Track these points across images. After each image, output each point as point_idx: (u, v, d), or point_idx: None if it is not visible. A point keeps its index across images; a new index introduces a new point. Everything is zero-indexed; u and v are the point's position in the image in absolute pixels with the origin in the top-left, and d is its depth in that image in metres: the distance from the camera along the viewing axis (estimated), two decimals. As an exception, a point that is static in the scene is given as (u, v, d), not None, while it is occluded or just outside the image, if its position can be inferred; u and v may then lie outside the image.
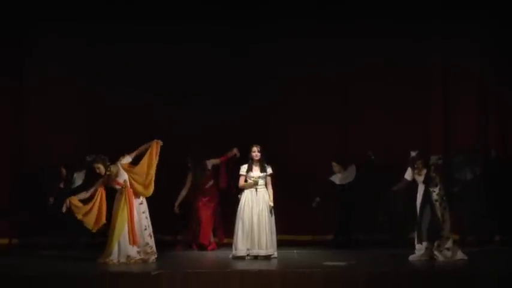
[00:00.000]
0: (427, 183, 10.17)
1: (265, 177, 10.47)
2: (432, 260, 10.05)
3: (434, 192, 10.14)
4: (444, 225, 10.09)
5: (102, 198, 10.07)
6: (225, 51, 12.34)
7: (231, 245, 10.51)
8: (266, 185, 10.48)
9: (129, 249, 9.94)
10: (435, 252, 10.08)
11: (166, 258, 10.39)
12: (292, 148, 12.33)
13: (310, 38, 12.33)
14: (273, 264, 9.97)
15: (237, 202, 10.51)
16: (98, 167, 10.02)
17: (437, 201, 10.13)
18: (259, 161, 10.50)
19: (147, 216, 10.15)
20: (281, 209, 10.78)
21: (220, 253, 11.13)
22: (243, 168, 10.53)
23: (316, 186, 11.94)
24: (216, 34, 12.30)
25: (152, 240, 10.14)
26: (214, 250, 11.55)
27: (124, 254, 9.94)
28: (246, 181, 10.51)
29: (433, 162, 10.18)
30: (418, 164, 10.23)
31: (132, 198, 10.05)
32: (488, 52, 12.39)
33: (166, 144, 10.29)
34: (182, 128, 12.19)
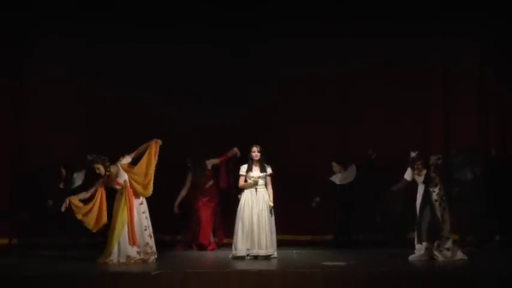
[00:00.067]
0: (426, 183, 10.17)
1: (265, 177, 10.47)
2: (432, 260, 10.05)
3: (434, 193, 10.15)
4: (444, 226, 10.10)
5: (103, 199, 10.07)
6: (225, 51, 12.33)
7: (231, 245, 10.52)
8: (266, 185, 10.49)
9: (129, 249, 9.94)
10: (435, 252, 10.08)
11: (166, 258, 10.39)
12: (292, 148, 12.33)
13: (310, 38, 12.32)
14: (273, 264, 9.97)
15: (237, 202, 10.52)
16: (98, 167, 10.02)
17: (437, 202, 10.13)
18: (259, 161, 10.50)
19: (147, 216, 10.15)
20: (281, 209, 10.80)
21: (220, 253, 11.13)
22: (243, 168, 10.54)
23: (316, 186, 11.94)
24: (216, 34, 12.30)
25: (152, 241, 10.14)
26: (214, 250, 11.55)
27: (124, 254, 9.94)
28: (245, 181, 10.52)
29: (433, 162, 10.19)
30: (418, 164, 10.23)
31: (132, 198, 10.05)
32: (488, 52, 12.38)
33: (166, 144, 10.29)
34: (182, 128, 12.18)
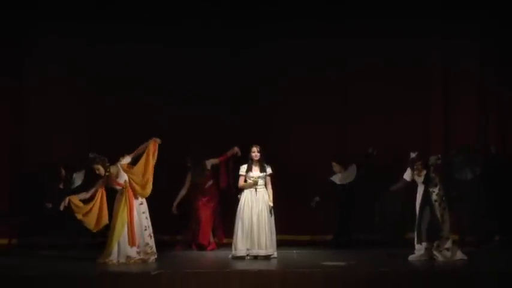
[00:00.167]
0: (426, 183, 10.17)
1: (264, 177, 10.47)
2: (432, 260, 10.05)
3: (434, 193, 10.14)
4: (444, 226, 10.09)
5: (103, 199, 10.06)
6: (225, 51, 12.33)
7: (231, 245, 10.51)
8: (266, 185, 10.49)
9: (128, 249, 9.94)
10: (435, 252, 10.08)
11: (166, 258, 10.39)
12: (292, 148, 12.33)
13: (310, 38, 12.31)
14: (273, 264, 9.97)
15: (237, 202, 10.52)
16: (98, 168, 10.02)
17: (437, 202, 10.13)
18: (258, 161, 10.50)
19: (147, 216, 10.15)
20: (281, 209, 10.80)
21: (220, 253, 11.12)
22: (243, 169, 10.54)
23: (316, 186, 11.93)
24: (216, 34, 12.29)
25: (152, 241, 10.14)
26: (214, 250, 11.54)
27: (124, 254, 9.94)
28: (245, 181, 10.52)
29: (433, 162, 10.19)
30: (418, 165, 10.22)
31: (133, 199, 10.05)
32: (488, 52, 12.38)
33: (166, 144, 10.30)
34: (182, 128, 12.18)
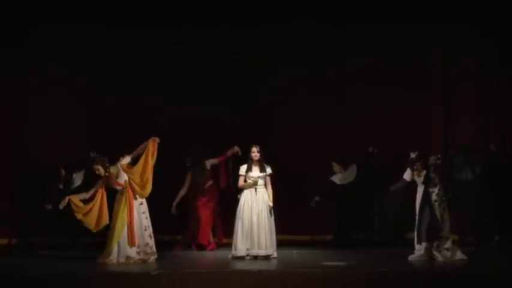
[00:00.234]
0: (426, 183, 10.17)
1: (264, 177, 10.47)
2: (432, 260, 10.05)
3: (434, 193, 10.14)
4: (443, 226, 10.09)
5: (103, 199, 10.06)
6: (225, 51, 12.33)
7: (231, 245, 10.51)
8: (265, 185, 10.49)
9: (128, 249, 9.94)
10: (434, 252, 10.08)
11: (166, 258, 10.39)
12: (292, 148, 12.32)
13: (310, 38, 12.31)
14: (273, 264, 9.97)
15: (237, 202, 10.52)
16: (97, 168, 10.02)
17: (437, 202, 10.13)
18: (258, 161, 10.50)
19: (147, 216, 10.15)
20: (281, 209, 10.80)
21: (220, 253, 11.12)
22: (243, 169, 10.53)
23: (316, 186, 11.92)
24: (216, 34, 12.30)
25: (152, 241, 10.14)
26: (214, 250, 11.54)
27: (123, 254, 9.94)
28: (245, 181, 10.52)
29: (432, 162, 10.19)
30: (418, 165, 10.21)
31: (133, 199, 10.05)
32: (488, 52, 12.39)
33: (166, 144, 10.29)
34: (182, 128, 12.18)
